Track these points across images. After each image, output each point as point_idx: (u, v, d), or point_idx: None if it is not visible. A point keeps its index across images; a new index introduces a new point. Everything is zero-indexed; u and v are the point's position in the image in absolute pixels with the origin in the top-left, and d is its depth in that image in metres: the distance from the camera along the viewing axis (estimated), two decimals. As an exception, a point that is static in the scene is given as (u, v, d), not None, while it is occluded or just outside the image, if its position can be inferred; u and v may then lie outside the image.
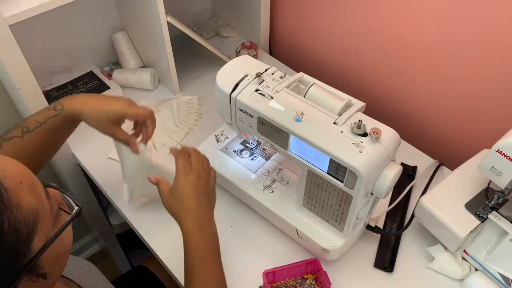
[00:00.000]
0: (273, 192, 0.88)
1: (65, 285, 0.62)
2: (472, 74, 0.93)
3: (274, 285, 0.81)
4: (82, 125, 1.12)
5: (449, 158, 1.04)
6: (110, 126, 0.73)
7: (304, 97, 0.74)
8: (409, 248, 0.88)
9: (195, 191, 0.67)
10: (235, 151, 0.95)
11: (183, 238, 0.67)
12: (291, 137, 0.72)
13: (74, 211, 0.48)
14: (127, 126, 0.80)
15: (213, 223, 0.70)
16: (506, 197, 0.75)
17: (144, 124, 0.78)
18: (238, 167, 0.92)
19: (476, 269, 0.82)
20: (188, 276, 0.66)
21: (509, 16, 0.81)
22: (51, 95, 1.15)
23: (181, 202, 0.67)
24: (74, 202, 0.48)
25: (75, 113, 0.73)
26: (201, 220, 0.67)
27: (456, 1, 0.87)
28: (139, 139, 0.80)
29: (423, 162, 1.02)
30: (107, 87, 1.18)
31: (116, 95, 1.12)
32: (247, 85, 0.76)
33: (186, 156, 0.70)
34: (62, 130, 0.76)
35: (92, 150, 0.90)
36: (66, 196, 0.49)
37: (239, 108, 0.77)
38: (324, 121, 0.69)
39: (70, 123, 0.75)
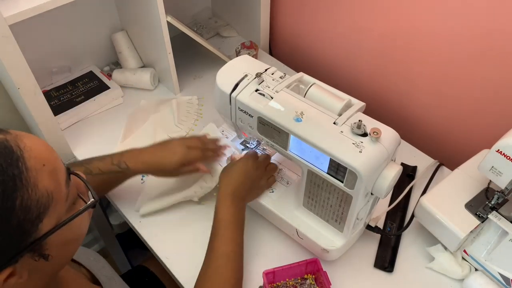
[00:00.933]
0: (273, 192, 0.88)
1: (74, 269, 0.64)
2: (472, 74, 0.93)
3: (274, 285, 0.81)
4: (82, 124, 1.12)
5: (449, 158, 1.04)
6: (176, 173, 0.85)
7: (304, 97, 0.74)
8: (409, 248, 0.88)
9: (245, 173, 0.80)
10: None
11: (217, 201, 0.78)
12: (291, 137, 0.72)
13: (89, 202, 0.50)
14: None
15: (245, 204, 0.81)
16: (506, 197, 0.75)
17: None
18: (238, 167, 0.92)
19: (476, 269, 0.82)
20: (213, 236, 0.76)
21: (509, 17, 0.81)
22: (51, 95, 1.15)
23: (230, 172, 0.80)
24: (92, 195, 0.51)
25: (140, 173, 0.85)
26: (237, 194, 0.79)
27: (456, 2, 0.87)
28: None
29: (423, 162, 1.02)
30: (107, 87, 1.18)
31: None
32: (247, 85, 0.76)
33: (256, 155, 0.86)
34: (121, 182, 0.87)
35: (92, 150, 0.90)
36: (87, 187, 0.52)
37: (239, 108, 0.77)
38: (324, 121, 0.69)
39: (130, 178, 0.86)
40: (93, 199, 0.51)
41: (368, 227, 0.85)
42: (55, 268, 0.50)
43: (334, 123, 0.69)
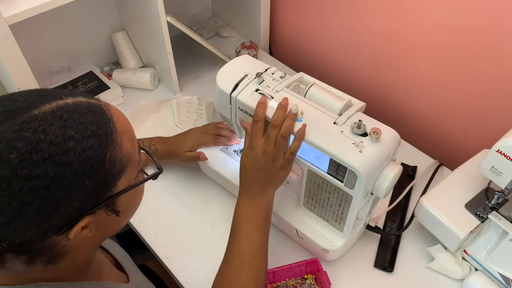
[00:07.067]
0: (273, 192, 0.88)
1: (101, 253, 0.68)
2: (472, 75, 0.93)
3: (274, 285, 0.81)
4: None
5: (449, 158, 1.04)
6: (185, 156, 0.93)
7: (304, 97, 0.74)
8: (409, 248, 0.88)
9: (252, 167, 0.72)
10: (235, 151, 0.95)
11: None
12: (291, 137, 0.72)
13: (155, 171, 0.56)
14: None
15: (267, 197, 0.73)
16: (506, 197, 0.75)
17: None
18: (238, 167, 0.92)
19: (476, 269, 0.82)
20: (230, 236, 0.73)
21: (509, 19, 0.81)
22: (51, 95, 1.15)
23: (242, 166, 0.74)
24: (157, 166, 0.57)
25: (163, 157, 0.94)
26: (251, 190, 0.73)
27: (457, 3, 0.87)
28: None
29: (423, 162, 1.02)
30: (107, 87, 1.18)
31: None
32: (247, 85, 0.76)
33: (260, 127, 0.71)
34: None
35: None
36: (153, 160, 0.58)
37: (239, 108, 0.77)
38: (324, 121, 0.69)
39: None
40: (157, 170, 0.56)
41: (368, 227, 0.85)
42: (110, 232, 0.55)
43: (334, 123, 0.68)
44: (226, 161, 0.93)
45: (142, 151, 0.56)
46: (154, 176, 0.56)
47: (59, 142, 0.43)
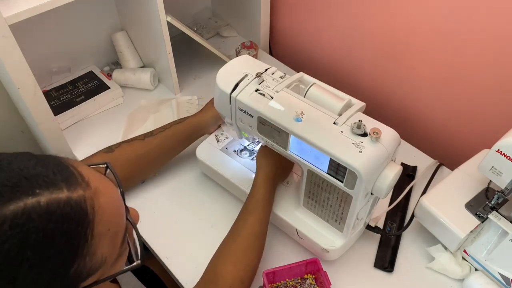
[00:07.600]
0: (273, 192, 0.88)
1: None
2: (472, 74, 0.93)
3: (274, 285, 0.81)
4: (82, 124, 1.12)
5: (449, 158, 1.04)
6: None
7: (304, 97, 0.74)
8: (409, 248, 0.88)
9: (283, 158, 0.81)
10: (235, 151, 0.95)
11: (256, 182, 0.82)
12: (291, 137, 0.72)
13: (134, 264, 0.47)
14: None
15: (277, 183, 0.85)
16: (506, 197, 0.75)
17: None
18: (238, 167, 0.92)
19: (476, 269, 0.82)
20: (243, 214, 0.80)
21: (510, 17, 0.81)
22: (51, 95, 1.15)
23: (271, 156, 0.83)
24: (140, 255, 0.48)
25: (197, 120, 0.94)
26: (275, 179, 0.83)
27: (459, 3, 0.87)
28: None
29: (423, 162, 1.02)
30: (107, 87, 1.18)
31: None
32: (247, 85, 0.76)
33: None
34: (182, 135, 0.93)
35: (92, 151, 0.89)
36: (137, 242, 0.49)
37: (239, 108, 0.77)
38: (324, 121, 0.69)
39: (191, 130, 0.94)
40: (138, 261, 0.47)
41: (368, 227, 0.85)
42: None
43: (334, 123, 0.68)
44: (226, 162, 0.93)
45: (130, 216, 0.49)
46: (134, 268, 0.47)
47: (7, 266, 0.34)
